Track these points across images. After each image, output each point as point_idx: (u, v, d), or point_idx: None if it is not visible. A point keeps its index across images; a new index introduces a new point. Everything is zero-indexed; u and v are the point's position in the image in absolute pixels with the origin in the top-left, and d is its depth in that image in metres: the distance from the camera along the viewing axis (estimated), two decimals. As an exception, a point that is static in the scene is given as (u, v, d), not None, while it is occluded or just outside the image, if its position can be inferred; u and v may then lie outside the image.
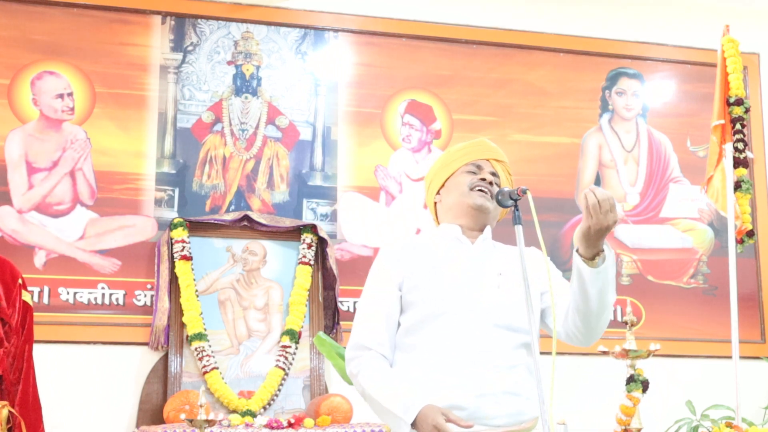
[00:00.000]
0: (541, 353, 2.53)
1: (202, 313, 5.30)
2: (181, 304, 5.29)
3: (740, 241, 5.16)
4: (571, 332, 2.61)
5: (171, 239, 5.37)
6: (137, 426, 5.12)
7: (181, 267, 5.32)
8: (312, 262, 5.54)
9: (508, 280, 2.61)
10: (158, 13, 5.71)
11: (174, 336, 5.27)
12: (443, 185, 2.79)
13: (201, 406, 4.01)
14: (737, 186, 5.17)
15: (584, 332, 2.57)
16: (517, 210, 2.56)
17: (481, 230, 2.72)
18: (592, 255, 2.44)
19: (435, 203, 2.83)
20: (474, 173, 2.73)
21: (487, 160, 2.76)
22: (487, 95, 6.13)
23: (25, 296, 3.72)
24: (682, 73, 6.49)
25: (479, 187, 2.69)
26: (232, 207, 5.61)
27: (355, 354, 2.62)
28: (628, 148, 6.33)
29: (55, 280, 5.30)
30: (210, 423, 4.04)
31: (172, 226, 5.41)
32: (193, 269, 5.37)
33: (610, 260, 2.46)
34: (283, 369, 5.31)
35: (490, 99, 6.13)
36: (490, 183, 2.71)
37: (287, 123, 5.82)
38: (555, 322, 2.54)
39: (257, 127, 5.76)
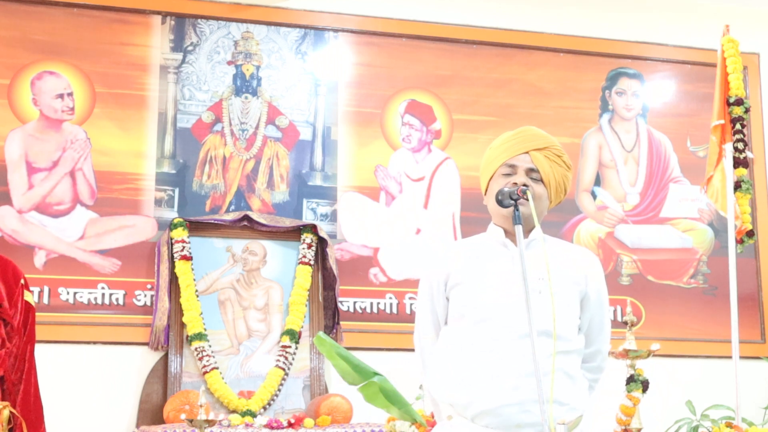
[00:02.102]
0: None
1: (202, 313, 5.30)
2: (181, 304, 5.29)
3: (740, 241, 5.15)
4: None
5: (171, 239, 5.37)
6: (137, 426, 5.12)
7: (181, 267, 5.32)
8: (312, 262, 5.54)
9: (554, 284, 2.55)
10: (158, 13, 5.71)
11: (174, 336, 5.27)
12: (487, 187, 2.73)
13: (201, 406, 4.01)
14: (737, 186, 5.16)
15: None
16: (517, 210, 2.54)
17: (527, 231, 2.65)
18: None
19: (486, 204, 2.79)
20: (508, 175, 2.65)
21: (526, 152, 2.67)
22: (487, 95, 6.13)
23: (27, 296, 3.71)
24: (682, 73, 6.49)
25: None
26: (232, 207, 5.61)
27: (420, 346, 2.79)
28: (628, 148, 6.33)
29: (55, 280, 5.30)
30: (210, 423, 4.04)
31: (172, 226, 5.41)
32: (193, 269, 5.37)
33: None
34: (283, 369, 5.31)
35: (490, 99, 6.13)
36: (524, 185, 2.63)
37: (287, 123, 5.82)
38: (555, 322, 2.53)
39: (257, 127, 5.76)
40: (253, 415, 5.05)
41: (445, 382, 2.56)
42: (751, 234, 5.14)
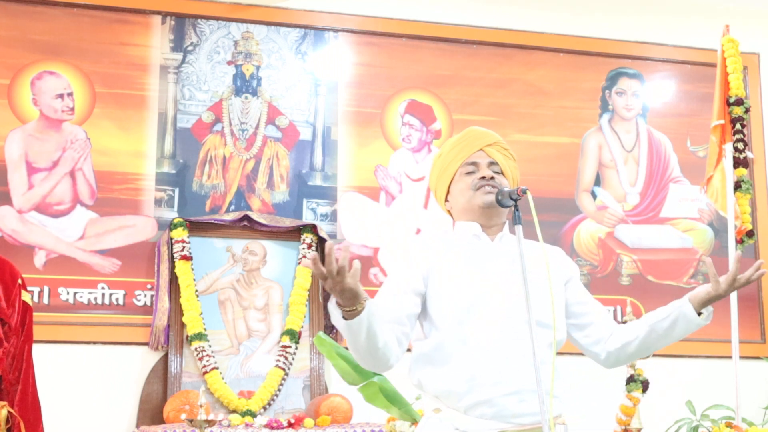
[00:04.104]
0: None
1: (202, 313, 5.30)
2: (181, 304, 5.29)
3: (740, 241, 5.16)
4: (610, 355, 2.73)
5: (171, 239, 5.37)
6: (137, 426, 5.12)
7: (181, 267, 5.32)
8: (312, 262, 5.53)
9: (534, 276, 2.55)
10: (158, 13, 5.72)
11: (174, 336, 5.27)
12: (449, 192, 2.74)
13: (201, 406, 4.01)
14: (737, 186, 5.16)
15: (618, 361, 2.74)
16: (517, 210, 2.55)
17: (500, 226, 2.69)
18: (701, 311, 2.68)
19: (449, 210, 2.79)
20: (473, 172, 2.69)
21: (481, 149, 2.71)
22: (487, 95, 6.13)
23: (25, 296, 3.72)
24: (682, 73, 6.49)
25: (482, 186, 2.65)
26: (232, 207, 5.61)
27: None
28: (628, 148, 6.33)
29: (55, 280, 5.30)
30: (210, 423, 4.04)
31: (172, 226, 5.41)
32: (193, 269, 5.37)
33: (710, 311, 2.70)
34: (283, 369, 5.31)
35: (490, 99, 6.13)
36: (492, 177, 2.66)
37: (287, 123, 5.82)
38: (555, 321, 2.53)
39: (257, 127, 5.76)
40: (253, 415, 5.05)
41: (436, 375, 2.56)
42: (751, 234, 5.15)
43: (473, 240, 2.67)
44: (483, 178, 2.66)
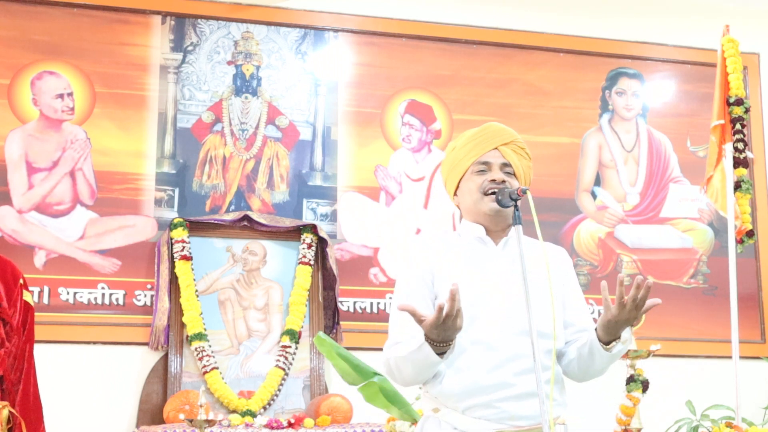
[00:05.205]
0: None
1: (202, 313, 5.30)
2: (181, 304, 5.29)
3: (740, 241, 5.16)
4: (568, 372, 2.69)
5: (171, 239, 5.37)
6: (137, 426, 5.12)
7: (181, 267, 5.32)
8: (312, 262, 5.54)
9: (535, 283, 2.53)
10: (158, 13, 5.72)
11: (174, 336, 5.27)
12: (458, 187, 2.72)
13: (201, 406, 4.02)
14: (737, 186, 5.16)
15: (579, 378, 2.68)
16: (517, 210, 2.55)
17: (505, 230, 2.67)
18: (610, 340, 2.53)
19: (457, 204, 2.77)
20: (483, 172, 2.65)
21: (495, 148, 2.68)
22: (487, 95, 6.13)
23: (27, 296, 3.71)
24: (682, 73, 6.49)
25: (491, 190, 2.62)
26: (232, 207, 5.62)
27: (390, 351, 2.57)
28: (628, 148, 6.33)
29: (55, 280, 5.30)
30: (210, 423, 4.04)
31: (172, 226, 5.41)
32: (193, 269, 5.37)
33: (624, 342, 2.54)
34: (283, 369, 5.31)
35: (490, 99, 6.13)
36: (503, 181, 2.63)
37: (287, 123, 5.82)
38: (555, 321, 2.53)
39: (257, 127, 5.76)
40: (253, 415, 5.05)
41: (435, 376, 2.55)
42: (751, 234, 5.15)
43: (477, 244, 2.66)
44: (493, 180, 2.64)
